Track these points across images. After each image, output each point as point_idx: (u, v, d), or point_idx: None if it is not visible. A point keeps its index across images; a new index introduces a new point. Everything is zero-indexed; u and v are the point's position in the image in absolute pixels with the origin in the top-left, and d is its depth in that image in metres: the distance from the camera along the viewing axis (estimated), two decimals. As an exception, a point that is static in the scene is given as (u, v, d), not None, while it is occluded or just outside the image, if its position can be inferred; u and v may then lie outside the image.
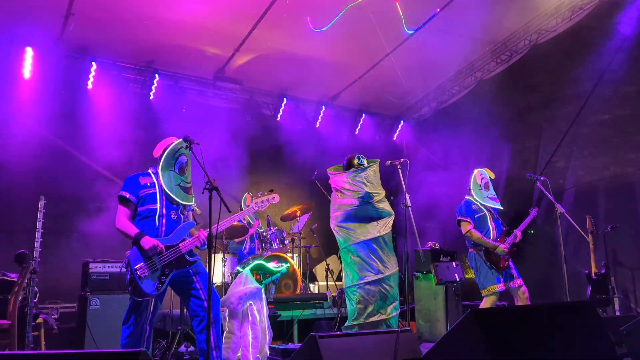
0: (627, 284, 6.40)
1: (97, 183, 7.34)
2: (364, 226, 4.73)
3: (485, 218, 5.15)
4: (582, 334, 2.57)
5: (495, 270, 4.98)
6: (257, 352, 4.66)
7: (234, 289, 4.77)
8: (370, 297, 4.64)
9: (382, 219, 4.78)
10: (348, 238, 4.74)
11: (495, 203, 5.26)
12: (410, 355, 3.12)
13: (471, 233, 5.06)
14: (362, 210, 4.73)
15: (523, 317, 2.54)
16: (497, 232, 5.15)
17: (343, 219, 4.78)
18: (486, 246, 5.03)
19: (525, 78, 8.23)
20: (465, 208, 5.16)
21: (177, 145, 3.89)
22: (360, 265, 4.68)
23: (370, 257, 4.68)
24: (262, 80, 8.87)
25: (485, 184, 5.27)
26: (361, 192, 4.73)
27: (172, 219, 3.81)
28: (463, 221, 5.10)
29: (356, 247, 4.70)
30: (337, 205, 4.84)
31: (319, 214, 7.93)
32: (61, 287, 6.52)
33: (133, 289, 3.58)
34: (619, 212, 6.57)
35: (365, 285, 4.63)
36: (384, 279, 4.65)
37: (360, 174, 4.78)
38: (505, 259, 5.03)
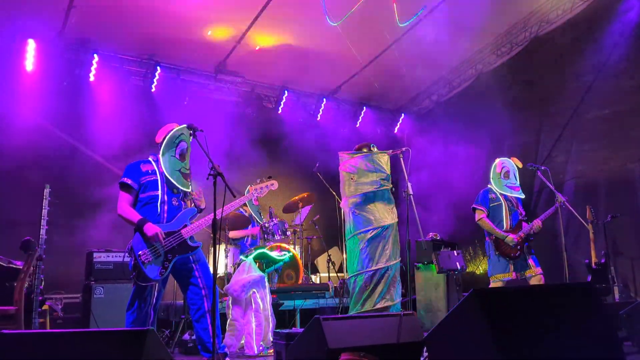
0: (627, 273, 6.45)
1: (99, 175, 7.37)
2: (381, 211, 4.76)
3: (501, 208, 5.20)
4: (583, 315, 2.61)
5: (504, 260, 5.03)
6: (260, 340, 4.71)
7: (237, 277, 4.81)
8: (378, 284, 4.67)
9: (390, 206, 4.83)
10: (368, 222, 4.75)
11: (514, 192, 5.29)
12: (413, 338, 3.16)
13: (482, 221, 5.13)
14: (380, 193, 4.78)
15: (525, 297, 2.58)
16: (513, 223, 5.18)
17: (362, 201, 4.79)
18: (496, 235, 5.08)
19: (526, 71, 8.25)
20: (481, 197, 5.25)
21: (178, 131, 3.93)
22: (373, 252, 4.71)
23: (385, 244, 4.71)
24: (264, 73, 8.89)
25: (506, 172, 5.31)
26: (384, 172, 4.79)
27: (174, 205, 3.86)
28: (477, 210, 5.19)
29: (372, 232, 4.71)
30: (354, 188, 4.85)
31: (321, 205, 7.97)
32: (65, 278, 6.56)
33: (137, 274, 3.62)
34: (619, 205, 6.59)
35: (375, 272, 4.66)
36: (393, 266, 4.70)
37: (381, 156, 4.83)
38: (516, 248, 5.05)
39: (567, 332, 2.50)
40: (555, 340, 2.43)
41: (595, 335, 2.56)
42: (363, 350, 2.69)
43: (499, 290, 3.41)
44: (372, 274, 4.70)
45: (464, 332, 2.47)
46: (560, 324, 2.51)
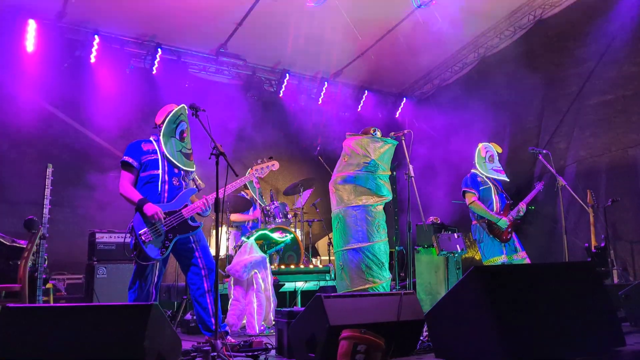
0: (626, 257, 6.48)
1: (99, 156, 7.39)
2: (358, 193, 4.71)
3: (490, 191, 5.22)
4: (583, 292, 2.63)
5: (498, 242, 5.06)
6: (261, 319, 4.76)
7: (239, 258, 4.84)
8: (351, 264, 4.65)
9: (379, 195, 4.77)
10: (341, 200, 4.76)
11: (500, 175, 5.33)
12: (413, 316, 3.19)
13: (475, 204, 5.14)
14: (363, 178, 4.74)
15: (525, 274, 2.60)
16: (501, 205, 5.22)
17: (342, 180, 4.80)
18: (489, 218, 5.10)
19: (528, 56, 8.20)
20: (470, 180, 5.25)
21: (177, 112, 3.93)
22: (346, 231, 4.70)
23: (358, 225, 4.67)
24: (265, 57, 8.85)
25: (490, 156, 5.34)
26: (367, 157, 4.76)
27: (174, 185, 3.86)
28: (468, 192, 5.19)
29: (345, 211, 4.71)
30: (342, 167, 4.86)
31: (322, 189, 7.98)
32: (67, 259, 6.61)
33: (138, 253, 3.64)
34: (620, 190, 6.60)
35: (348, 252, 4.66)
36: (366, 248, 4.65)
37: (373, 142, 4.81)
38: (507, 231, 5.10)
39: (567, 310, 2.52)
40: (555, 317, 2.46)
41: (594, 313, 2.59)
42: (364, 327, 2.72)
43: (500, 267, 3.45)
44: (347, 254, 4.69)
45: (465, 309, 2.50)
46: (560, 301, 2.53)
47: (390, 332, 2.79)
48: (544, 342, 2.37)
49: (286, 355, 3.30)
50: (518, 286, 2.48)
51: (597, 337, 2.54)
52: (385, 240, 4.78)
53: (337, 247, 4.81)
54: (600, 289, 2.71)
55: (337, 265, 4.81)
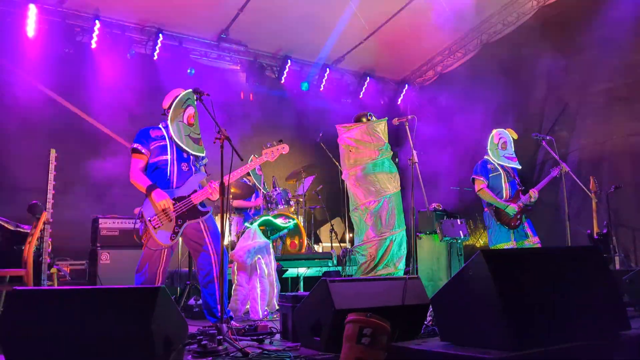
0: (628, 244, 6.49)
1: (101, 142, 7.38)
2: (381, 181, 4.78)
3: (500, 178, 5.22)
4: (589, 277, 2.64)
5: (505, 228, 5.07)
6: (265, 305, 4.78)
7: (243, 244, 4.85)
8: (384, 254, 4.72)
9: (393, 174, 4.84)
10: (369, 194, 4.77)
11: (512, 162, 5.32)
12: (418, 300, 3.20)
13: (483, 192, 5.15)
14: (380, 162, 4.79)
15: (531, 258, 2.60)
16: (511, 192, 5.22)
17: (363, 173, 4.80)
18: (497, 205, 5.11)
19: (531, 43, 8.14)
20: (480, 167, 5.26)
21: (184, 96, 3.91)
22: (377, 222, 4.74)
23: (389, 214, 4.74)
24: (266, 42, 8.80)
25: (503, 143, 5.33)
26: (382, 142, 4.78)
27: (183, 170, 3.86)
28: (477, 179, 5.21)
29: (374, 203, 4.74)
30: (354, 160, 4.85)
31: (324, 175, 7.98)
32: (70, 245, 6.61)
33: (147, 239, 3.65)
34: (622, 178, 6.58)
35: (380, 242, 4.70)
36: (397, 235, 4.73)
37: (377, 126, 4.82)
38: (516, 217, 5.10)
39: (573, 294, 2.53)
40: (561, 300, 2.46)
41: (600, 297, 2.60)
42: (369, 311, 2.73)
43: (506, 251, 3.45)
44: (377, 244, 4.74)
45: (470, 292, 2.50)
46: (567, 285, 2.54)
47: (395, 316, 2.79)
48: (550, 326, 2.37)
49: (291, 339, 3.31)
50: (524, 270, 2.48)
51: (603, 321, 2.55)
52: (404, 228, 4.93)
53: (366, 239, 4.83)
54: (607, 274, 2.72)
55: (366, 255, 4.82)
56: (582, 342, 2.37)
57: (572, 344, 2.33)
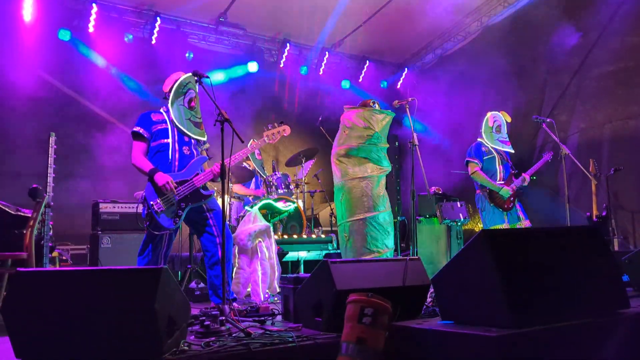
0: (627, 226, 6.53)
1: (99, 126, 7.36)
2: (363, 164, 4.73)
3: (494, 160, 5.23)
4: (590, 256, 2.65)
5: (500, 211, 5.09)
6: (266, 287, 4.80)
7: (243, 227, 4.86)
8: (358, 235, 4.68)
9: (379, 167, 4.79)
10: (345, 173, 4.76)
11: (505, 146, 5.33)
12: (419, 281, 3.22)
13: (477, 174, 5.15)
14: (366, 149, 4.75)
15: (532, 238, 2.62)
16: (505, 175, 5.24)
17: (345, 152, 4.80)
18: (491, 188, 5.12)
19: (531, 26, 8.08)
20: (475, 150, 5.25)
21: (185, 80, 3.89)
22: (351, 203, 4.72)
23: (362, 196, 4.69)
24: (265, 26, 8.74)
25: (498, 126, 5.33)
26: (371, 130, 4.75)
27: (185, 154, 3.85)
28: (471, 162, 5.20)
29: (350, 182, 4.72)
30: (343, 140, 4.85)
31: (324, 159, 7.97)
32: (70, 230, 6.63)
33: (151, 223, 3.66)
34: (621, 161, 6.57)
35: (352, 223, 4.69)
36: (375, 217, 4.68)
37: (375, 114, 4.80)
38: (510, 200, 5.13)
39: (574, 273, 2.54)
40: (562, 280, 2.48)
41: (600, 276, 2.62)
42: (370, 292, 2.75)
43: (507, 231, 3.46)
44: (351, 225, 4.73)
45: (472, 272, 2.51)
46: (567, 265, 2.55)
47: (396, 296, 2.81)
48: (550, 304, 2.39)
49: (292, 320, 3.34)
50: (525, 249, 2.49)
51: (603, 299, 2.57)
52: (389, 209, 4.81)
53: (342, 218, 4.83)
54: (606, 253, 2.73)
55: (342, 236, 4.83)
56: (582, 320, 2.39)
57: (572, 322, 2.35)
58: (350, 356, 2.49)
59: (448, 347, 2.34)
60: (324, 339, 2.72)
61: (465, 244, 2.55)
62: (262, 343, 2.56)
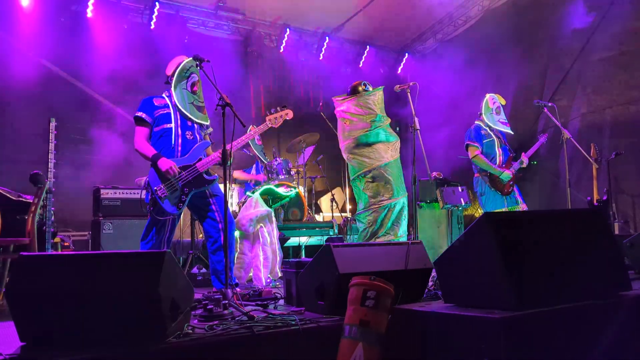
0: (628, 211, 6.54)
1: (99, 112, 7.34)
2: (376, 151, 4.76)
3: (493, 143, 5.22)
4: (592, 238, 2.66)
5: (499, 195, 5.10)
6: (268, 272, 4.82)
7: (245, 212, 4.87)
8: (383, 221, 4.74)
9: (391, 142, 4.83)
10: (362, 165, 4.78)
11: (505, 127, 5.33)
12: (421, 265, 3.23)
13: (478, 158, 5.15)
14: (374, 134, 4.77)
15: (534, 220, 2.62)
16: (504, 158, 5.23)
17: (356, 145, 4.80)
18: (492, 172, 5.12)
19: (532, 10, 8.02)
20: (474, 133, 5.23)
21: (187, 64, 3.87)
22: (375, 191, 4.75)
23: (386, 182, 4.75)
24: (264, 11, 8.68)
25: (497, 108, 5.32)
26: (373, 114, 4.75)
27: (188, 138, 3.84)
28: (471, 146, 5.18)
29: (370, 172, 4.75)
30: (348, 132, 4.84)
31: (324, 145, 7.96)
32: (71, 217, 6.64)
33: (155, 208, 3.66)
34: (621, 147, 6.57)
35: (379, 209, 4.72)
36: (397, 202, 4.74)
37: (370, 97, 4.78)
38: (509, 184, 5.13)
39: (576, 255, 2.55)
40: (564, 262, 2.49)
41: (601, 258, 2.62)
42: (373, 275, 2.76)
43: (510, 213, 3.47)
44: (377, 211, 4.76)
45: (475, 255, 2.52)
46: (570, 247, 2.55)
47: (398, 280, 2.82)
48: (552, 286, 2.40)
49: (295, 304, 3.35)
50: (528, 232, 2.50)
51: (604, 281, 2.58)
52: (406, 194, 4.91)
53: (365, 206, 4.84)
54: (608, 236, 2.73)
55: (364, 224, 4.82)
56: (584, 302, 2.40)
57: (574, 304, 2.36)
58: (353, 339, 2.50)
59: (451, 329, 2.36)
60: (327, 322, 2.73)
61: (468, 226, 2.55)
62: (266, 326, 2.57)
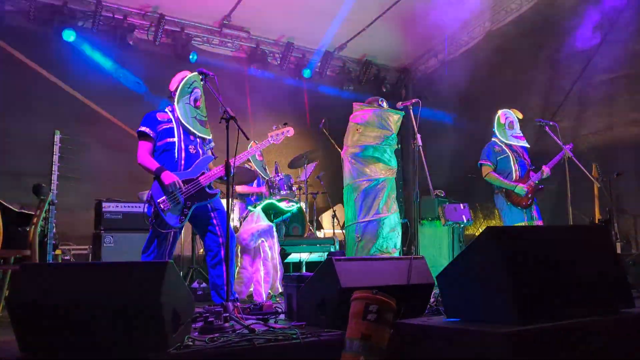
0: (629, 231, 6.52)
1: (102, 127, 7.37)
2: (377, 165, 4.81)
3: (508, 159, 5.24)
4: (595, 254, 2.66)
5: (518, 209, 5.10)
6: (268, 288, 4.80)
7: (246, 227, 4.86)
8: (371, 236, 4.73)
9: (391, 167, 4.88)
10: (362, 173, 4.80)
11: (520, 141, 5.35)
12: (423, 280, 3.22)
13: (490, 176, 5.18)
14: (382, 149, 4.82)
15: (538, 235, 2.62)
16: (521, 173, 5.24)
17: (360, 152, 4.85)
18: (506, 187, 5.14)
19: (534, 31, 8.09)
20: (486, 152, 5.28)
21: (191, 78, 3.91)
22: (364, 203, 4.76)
23: (376, 197, 4.76)
24: (269, 29, 8.78)
25: (510, 122, 5.35)
26: (389, 131, 4.83)
27: (191, 152, 3.86)
28: (483, 165, 5.25)
29: (366, 183, 4.76)
30: (357, 138, 4.90)
31: (326, 162, 7.98)
32: (72, 231, 6.62)
33: (157, 221, 3.66)
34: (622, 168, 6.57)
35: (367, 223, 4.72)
36: (384, 219, 4.73)
37: (392, 115, 4.87)
38: (527, 197, 5.13)
39: (579, 271, 2.55)
40: (568, 278, 2.48)
41: (605, 275, 2.62)
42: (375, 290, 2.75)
43: (513, 228, 3.47)
44: (365, 226, 4.76)
45: (478, 269, 2.52)
46: (573, 263, 2.55)
47: (400, 295, 2.81)
48: (556, 302, 2.39)
49: (296, 319, 3.33)
50: (531, 246, 2.50)
51: (608, 298, 2.57)
52: (397, 210, 4.92)
53: (354, 219, 4.86)
54: (612, 253, 2.74)
55: (352, 237, 4.84)
56: (587, 318, 2.39)
57: (578, 320, 2.35)
58: (354, 353, 2.48)
59: (454, 344, 2.34)
60: (328, 336, 2.71)
61: (472, 240, 2.55)
62: (267, 339, 2.55)
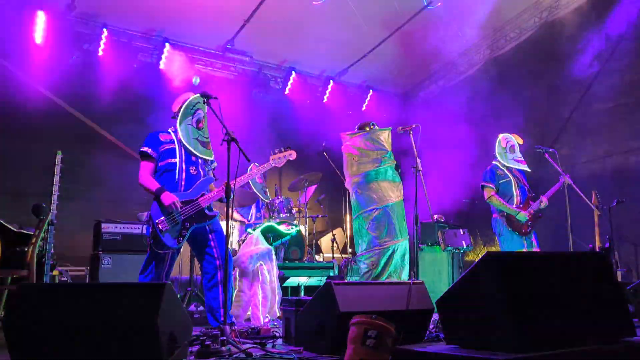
0: (630, 259, 6.49)
1: (104, 148, 7.40)
2: (384, 189, 4.80)
3: (510, 184, 5.23)
4: (596, 282, 2.63)
5: (518, 235, 5.07)
6: (266, 311, 4.76)
7: (245, 249, 4.84)
8: (386, 263, 4.71)
9: (396, 183, 4.87)
10: (371, 201, 4.79)
11: (521, 165, 5.35)
12: (422, 305, 3.20)
13: (493, 199, 5.16)
14: (383, 170, 4.83)
15: (538, 262, 2.60)
16: (522, 199, 5.22)
17: (365, 181, 4.84)
18: (508, 212, 5.12)
19: (533, 59, 8.20)
20: (489, 174, 5.26)
21: (194, 100, 3.95)
22: (379, 231, 4.75)
23: (390, 223, 4.76)
24: (271, 54, 8.90)
25: (511, 147, 5.36)
26: (383, 150, 4.82)
27: (192, 173, 3.87)
28: (486, 187, 5.21)
29: (376, 211, 4.76)
30: (356, 168, 4.89)
31: (326, 185, 8.00)
32: (69, 252, 6.59)
33: (155, 242, 3.65)
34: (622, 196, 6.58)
35: (382, 251, 4.71)
36: (400, 244, 4.74)
37: (380, 133, 4.88)
38: (527, 224, 5.11)
39: (580, 298, 2.52)
40: (569, 305, 2.46)
41: (607, 303, 2.59)
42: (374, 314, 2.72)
43: (514, 254, 3.44)
44: (379, 253, 4.74)
45: (478, 295, 2.49)
46: (574, 290, 2.53)
47: (399, 320, 2.79)
48: (557, 330, 2.36)
49: (294, 343, 3.30)
50: (532, 273, 2.47)
51: (609, 326, 2.54)
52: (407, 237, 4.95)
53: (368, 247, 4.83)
54: (613, 280, 2.71)
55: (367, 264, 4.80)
56: (589, 346, 2.35)
57: (579, 348, 2.31)
58: (353, 379, 2.45)
59: (453, 370, 2.31)
60: (327, 361, 2.68)
61: (471, 266, 2.53)
62: (264, 363, 2.53)
